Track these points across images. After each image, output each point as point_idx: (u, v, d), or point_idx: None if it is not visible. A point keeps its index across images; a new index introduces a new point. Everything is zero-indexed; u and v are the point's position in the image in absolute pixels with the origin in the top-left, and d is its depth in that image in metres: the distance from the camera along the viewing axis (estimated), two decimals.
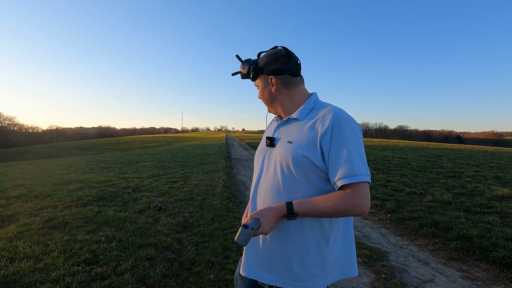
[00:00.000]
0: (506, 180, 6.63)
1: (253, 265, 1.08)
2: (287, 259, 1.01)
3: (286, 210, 0.95)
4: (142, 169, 9.11)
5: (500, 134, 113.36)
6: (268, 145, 1.11)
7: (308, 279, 1.00)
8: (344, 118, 0.97)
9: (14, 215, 4.03)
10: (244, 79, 1.18)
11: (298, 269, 1.00)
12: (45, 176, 7.96)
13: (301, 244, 1.00)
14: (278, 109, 1.15)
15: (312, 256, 1.00)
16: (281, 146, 1.05)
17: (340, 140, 0.94)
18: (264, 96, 1.16)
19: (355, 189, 0.91)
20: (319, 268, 1.00)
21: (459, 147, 18.83)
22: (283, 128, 1.11)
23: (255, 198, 1.12)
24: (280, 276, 1.02)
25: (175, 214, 4.20)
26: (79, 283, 2.30)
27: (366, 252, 3.07)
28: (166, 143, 38.76)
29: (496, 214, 4.11)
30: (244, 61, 1.16)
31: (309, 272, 1.00)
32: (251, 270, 1.08)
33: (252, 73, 1.13)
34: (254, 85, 1.21)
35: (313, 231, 1.00)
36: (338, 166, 0.93)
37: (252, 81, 1.19)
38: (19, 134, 68.27)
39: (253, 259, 1.08)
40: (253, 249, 1.08)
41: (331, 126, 0.95)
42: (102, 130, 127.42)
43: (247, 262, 1.10)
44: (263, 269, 1.05)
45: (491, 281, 2.57)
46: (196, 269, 2.59)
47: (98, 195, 5.23)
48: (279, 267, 1.02)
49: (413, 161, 10.05)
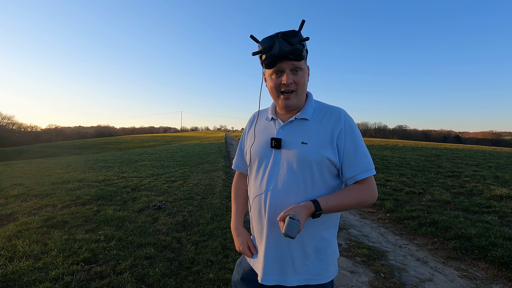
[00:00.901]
0: (505, 179, 6.64)
1: (273, 272, 1.04)
2: (305, 255, 1.03)
3: (314, 208, 0.96)
4: (141, 168, 9.10)
5: (499, 134, 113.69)
6: (274, 147, 1.06)
7: (326, 269, 1.05)
8: (350, 117, 1.07)
9: (13, 214, 4.02)
10: (283, 53, 0.97)
11: (316, 262, 1.04)
12: (44, 175, 7.95)
13: (316, 238, 1.04)
14: (296, 102, 1.05)
15: (326, 247, 1.05)
16: (293, 148, 1.03)
17: (353, 138, 1.03)
18: (303, 83, 1.03)
19: (369, 181, 1.04)
20: (333, 257, 1.07)
21: (458, 147, 18.87)
22: (289, 128, 1.07)
23: (266, 202, 1.04)
24: (301, 274, 1.03)
25: (175, 213, 4.20)
26: (78, 282, 2.30)
27: (365, 251, 3.07)
28: (165, 143, 38.70)
29: (494, 214, 4.13)
30: (300, 32, 0.98)
31: (326, 262, 1.05)
32: (273, 277, 1.04)
33: (305, 53, 1.02)
34: (291, 66, 1.00)
35: (325, 224, 1.05)
36: (355, 162, 1.02)
37: (292, 60, 0.99)
38: (18, 133, 68.07)
39: (273, 266, 1.04)
40: (272, 256, 1.05)
41: (343, 126, 1.03)
42: (101, 129, 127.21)
43: (267, 270, 1.05)
44: (285, 273, 1.03)
45: (489, 280, 2.58)
46: (196, 268, 2.59)
47: (97, 194, 5.22)
48: (299, 265, 1.03)
49: (412, 161, 10.07)
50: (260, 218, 1.08)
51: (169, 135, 67.30)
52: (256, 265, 1.11)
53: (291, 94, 1.03)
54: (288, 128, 1.08)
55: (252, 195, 1.11)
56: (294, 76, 1.01)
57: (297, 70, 1.01)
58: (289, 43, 0.96)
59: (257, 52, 1.03)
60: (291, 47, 0.96)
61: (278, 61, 0.99)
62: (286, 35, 0.97)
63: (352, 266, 2.79)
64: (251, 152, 1.14)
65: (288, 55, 0.97)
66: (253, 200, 1.11)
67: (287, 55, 0.97)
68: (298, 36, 0.97)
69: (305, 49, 1.00)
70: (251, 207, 1.13)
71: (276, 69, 1.01)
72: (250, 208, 1.14)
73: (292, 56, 0.98)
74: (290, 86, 1.01)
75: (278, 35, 0.98)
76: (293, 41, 0.96)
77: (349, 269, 2.73)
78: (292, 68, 1.00)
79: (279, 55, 0.97)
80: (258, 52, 1.02)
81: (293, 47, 0.96)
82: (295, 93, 1.03)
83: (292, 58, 0.98)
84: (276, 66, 1.01)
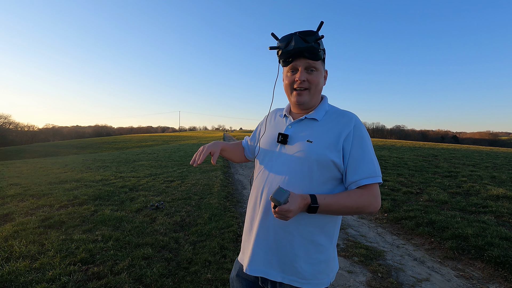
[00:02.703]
0: (501, 179, 6.69)
1: (259, 263, 1.05)
2: (294, 255, 1.02)
3: (310, 200, 0.95)
4: (139, 168, 9.08)
5: (496, 134, 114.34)
6: (280, 142, 1.09)
7: (314, 276, 1.02)
8: (361, 122, 1.06)
9: (9, 214, 3.99)
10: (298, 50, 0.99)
11: (305, 265, 1.02)
12: (41, 175, 7.90)
13: (309, 240, 1.02)
14: (309, 100, 1.07)
15: (319, 252, 1.03)
16: (298, 145, 1.05)
17: (361, 143, 1.02)
18: (317, 83, 1.05)
19: (372, 188, 1.00)
20: (324, 265, 1.04)
21: (455, 147, 18.96)
22: (297, 126, 1.10)
23: (262, 193, 1.07)
24: (288, 273, 1.02)
25: (172, 213, 4.19)
26: (75, 283, 2.29)
27: (363, 251, 3.08)
28: (163, 142, 38.61)
29: (491, 214, 4.15)
30: (318, 32, 1.01)
31: (315, 269, 1.03)
32: (257, 268, 1.05)
33: (323, 54, 1.05)
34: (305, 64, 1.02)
35: (321, 228, 1.03)
36: (360, 167, 1.00)
37: (307, 58, 1.01)
38: (15, 132, 67.69)
39: (259, 256, 1.06)
40: (259, 247, 1.06)
41: (352, 129, 1.03)
42: (98, 128, 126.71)
43: (252, 260, 1.06)
44: (271, 266, 1.04)
45: (486, 280, 2.60)
46: (193, 268, 2.59)
47: (94, 194, 5.20)
48: (287, 264, 1.02)
49: (410, 161, 10.11)
50: (254, 208, 1.10)
51: (167, 135, 67.15)
52: (244, 256, 1.12)
53: (304, 91, 1.05)
54: (296, 125, 1.10)
55: (253, 186, 1.15)
56: (308, 75, 1.03)
57: (312, 70, 1.03)
58: (305, 41, 0.99)
59: (274, 47, 1.06)
60: (307, 44, 0.99)
61: (294, 58, 1.03)
62: (303, 33, 1.00)
63: (349, 266, 2.79)
64: (260, 143, 1.19)
65: (304, 52, 1.00)
66: (252, 190, 1.15)
67: (303, 52, 1.00)
68: (314, 35, 1.00)
69: (321, 49, 1.02)
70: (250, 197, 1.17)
71: (292, 67, 1.05)
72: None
73: (308, 54, 1.00)
74: (303, 84, 1.04)
75: (295, 34, 1.01)
76: (309, 39, 0.99)
77: (346, 269, 2.74)
78: (307, 66, 1.03)
79: (294, 51, 1.00)
80: (275, 47, 1.06)
81: (308, 45, 0.99)
82: (308, 91, 1.05)
83: (308, 57, 1.01)
84: (292, 64, 1.04)
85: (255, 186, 1.13)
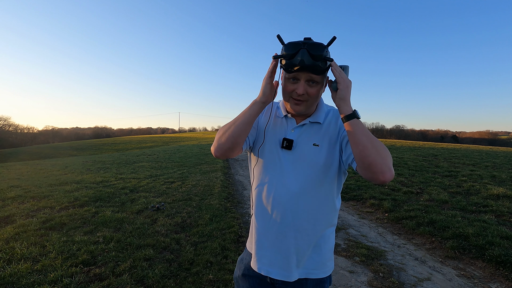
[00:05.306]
0: (501, 179, 6.70)
1: (268, 263, 1.06)
2: (310, 252, 1.05)
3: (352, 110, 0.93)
4: (140, 169, 9.08)
5: (495, 134, 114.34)
6: (285, 147, 1.06)
7: (324, 264, 1.08)
8: None
9: (10, 216, 3.99)
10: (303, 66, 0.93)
11: (317, 257, 1.06)
12: (42, 176, 7.91)
13: (321, 236, 1.06)
14: (305, 110, 1.05)
15: (328, 243, 1.09)
16: (305, 149, 1.05)
17: None
18: (316, 96, 1.02)
19: None
20: (331, 252, 1.10)
21: (455, 146, 18.98)
22: (301, 130, 1.09)
23: (279, 203, 1.04)
24: (302, 267, 1.06)
25: (173, 214, 4.20)
26: (77, 284, 2.29)
27: (364, 251, 3.09)
28: (163, 143, 38.60)
29: (491, 213, 4.16)
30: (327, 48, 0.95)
31: (325, 257, 1.08)
32: (266, 268, 1.06)
33: (326, 69, 0.98)
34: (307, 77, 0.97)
35: (330, 222, 1.08)
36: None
37: (311, 73, 0.96)
38: (15, 134, 67.63)
39: (268, 255, 1.06)
40: (268, 246, 1.07)
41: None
42: (98, 130, 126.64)
43: (261, 260, 1.07)
44: (288, 267, 1.05)
45: (487, 279, 2.60)
46: (195, 269, 2.59)
47: (95, 195, 5.20)
48: (303, 261, 1.05)
49: (410, 161, 10.12)
50: (269, 217, 1.06)
51: (167, 136, 67.16)
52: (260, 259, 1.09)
53: (302, 102, 1.02)
54: (300, 130, 1.09)
55: (259, 195, 1.10)
56: (308, 87, 0.99)
57: (313, 82, 0.99)
58: (313, 57, 0.92)
59: (278, 56, 0.99)
60: (313, 62, 0.92)
61: (297, 70, 0.97)
62: (312, 48, 0.92)
63: (351, 266, 2.80)
64: (259, 151, 1.12)
65: (308, 68, 0.94)
66: (257, 199, 1.10)
67: (307, 68, 0.94)
68: (323, 52, 0.93)
69: (327, 66, 0.97)
70: (253, 202, 1.12)
71: (293, 75, 1.00)
72: (253, 204, 1.13)
73: (312, 70, 0.95)
74: (301, 97, 1.00)
75: (304, 45, 0.93)
76: (317, 57, 0.92)
77: (348, 269, 2.74)
78: (308, 79, 0.98)
79: (299, 66, 0.93)
80: (279, 57, 0.99)
81: (314, 63, 0.92)
82: (306, 102, 1.02)
83: (311, 71, 0.95)
84: (293, 73, 0.99)
85: (263, 197, 1.08)
